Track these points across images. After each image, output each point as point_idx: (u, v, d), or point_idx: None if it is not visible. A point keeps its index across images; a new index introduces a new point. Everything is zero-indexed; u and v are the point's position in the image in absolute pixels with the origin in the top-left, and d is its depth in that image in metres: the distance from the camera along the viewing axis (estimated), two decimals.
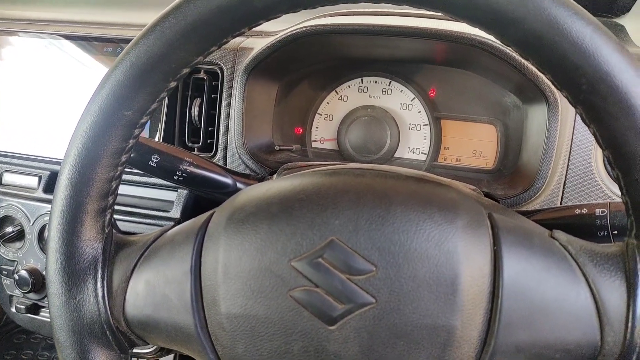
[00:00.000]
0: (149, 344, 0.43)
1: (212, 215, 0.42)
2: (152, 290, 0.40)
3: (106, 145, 0.39)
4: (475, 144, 0.74)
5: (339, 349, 0.35)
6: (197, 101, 0.71)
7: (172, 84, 0.39)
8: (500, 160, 0.72)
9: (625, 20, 0.83)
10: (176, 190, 0.75)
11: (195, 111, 0.70)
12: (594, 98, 0.32)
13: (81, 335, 0.40)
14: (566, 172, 0.62)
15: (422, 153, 0.76)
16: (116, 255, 0.42)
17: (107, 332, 0.40)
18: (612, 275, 0.35)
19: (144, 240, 0.43)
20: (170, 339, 0.41)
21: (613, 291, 0.34)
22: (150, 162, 0.54)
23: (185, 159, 0.55)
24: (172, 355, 1.09)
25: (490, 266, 0.36)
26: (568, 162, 0.61)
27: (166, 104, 0.72)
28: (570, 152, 0.61)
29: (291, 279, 0.36)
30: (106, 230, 0.42)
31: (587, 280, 0.35)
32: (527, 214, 0.53)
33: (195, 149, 0.72)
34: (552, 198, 0.62)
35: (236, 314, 0.37)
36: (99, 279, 0.40)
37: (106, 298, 0.40)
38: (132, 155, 0.54)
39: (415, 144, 0.76)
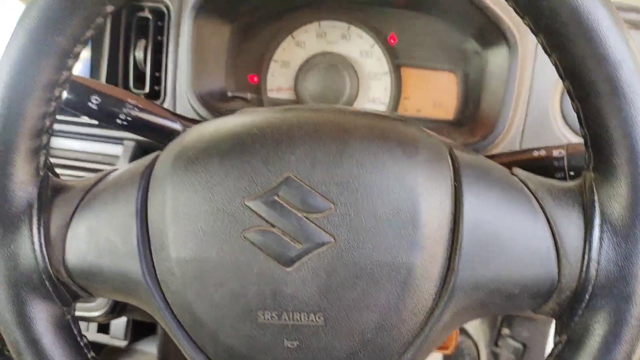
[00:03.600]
0: (92, 295, 0.40)
1: (158, 155, 0.39)
2: (95, 235, 0.37)
3: (36, 76, 0.35)
4: (435, 94, 0.73)
5: (296, 291, 0.34)
6: (142, 43, 0.65)
7: (109, 8, 0.35)
8: (461, 110, 0.71)
9: None
10: (122, 143, 0.70)
11: (140, 54, 0.65)
12: (555, 24, 0.31)
13: (17, 287, 0.36)
14: (525, 119, 0.61)
15: (381, 103, 0.74)
16: (53, 200, 0.38)
17: (47, 282, 0.37)
18: (570, 209, 0.35)
19: (83, 184, 0.40)
20: (115, 288, 0.38)
21: (570, 224, 0.34)
22: (90, 104, 0.49)
23: (129, 100, 0.51)
24: (124, 319, 1.05)
25: (450, 201, 0.35)
26: (527, 108, 0.61)
27: (108, 47, 0.66)
28: (529, 98, 0.61)
29: (245, 218, 0.34)
30: (41, 173, 0.38)
31: (545, 214, 0.35)
32: (486, 157, 0.53)
33: (142, 95, 0.67)
34: (511, 145, 0.61)
35: (187, 257, 0.35)
36: (35, 225, 0.37)
37: (43, 245, 0.37)
38: (70, 96, 0.49)
39: (374, 93, 0.74)
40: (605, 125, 0.32)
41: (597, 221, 0.33)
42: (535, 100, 0.61)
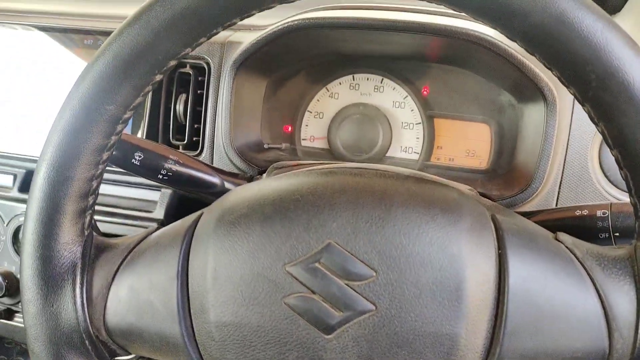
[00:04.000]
0: (131, 354, 0.40)
1: (200, 216, 0.40)
2: (136, 296, 0.38)
3: (86, 141, 0.36)
4: (468, 144, 0.73)
5: (336, 359, 0.33)
6: (183, 97, 0.68)
7: (158, 77, 0.36)
8: (494, 160, 0.70)
9: (616, 20, 0.83)
10: (159, 190, 0.72)
11: (180, 107, 0.68)
12: (603, 94, 0.31)
13: (58, 346, 0.37)
14: (562, 173, 0.60)
15: (414, 152, 0.74)
16: (96, 260, 0.39)
17: (87, 342, 0.37)
18: (621, 280, 0.33)
19: (126, 243, 0.41)
20: (155, 349, 0.38)
21: (622, 296, 0.33)
22: (133, 160, 0.51)
23: (170, 156, 0.53)
24: None
25: (495, 270, 0.34)
26: (564, 162, 0.60)
27: (150, 100, 0.69)
28: (566, 152, 0.60)
29: (286, 284, 0.34)
30: (86, 233, 0.39)
31: (594, 284, 0.34)
32: (527, 215, 0.52)
33: (180, 146, 0.69)
34: (548, 199, 0.60)
35: (226, 322, 0.35)
36: (78, 285, 0.38)
37: (85, 305, 0.37)
38: (114, 153, 0.51)
39: (407, 143, 0.74)
40: None
41: None
42: (572, 153, 0.60)
